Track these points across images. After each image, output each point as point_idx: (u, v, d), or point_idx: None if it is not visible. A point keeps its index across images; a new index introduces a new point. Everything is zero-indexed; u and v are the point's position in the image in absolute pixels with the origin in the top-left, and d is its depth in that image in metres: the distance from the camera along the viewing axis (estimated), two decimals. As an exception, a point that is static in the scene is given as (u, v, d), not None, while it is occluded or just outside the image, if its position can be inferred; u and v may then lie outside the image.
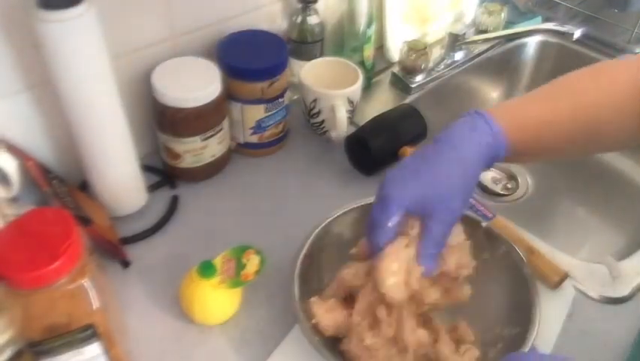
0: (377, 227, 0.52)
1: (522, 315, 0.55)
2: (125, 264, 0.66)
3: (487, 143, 0.52)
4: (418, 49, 0.93)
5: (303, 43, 0.85)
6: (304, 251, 0.60)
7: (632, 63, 0.54)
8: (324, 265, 0.62)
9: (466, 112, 0.54)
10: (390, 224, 0.52)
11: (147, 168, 0.76)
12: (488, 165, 0.53)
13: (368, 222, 0.54)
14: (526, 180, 1.02)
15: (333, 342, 0.56)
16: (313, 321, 0.55)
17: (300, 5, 0.83)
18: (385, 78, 0.98)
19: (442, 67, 0.99)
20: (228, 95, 0.75)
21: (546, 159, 0.54)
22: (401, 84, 0.96)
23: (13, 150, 0.63)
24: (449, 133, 0.53)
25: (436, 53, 1.01)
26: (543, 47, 1.10)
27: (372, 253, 0.54)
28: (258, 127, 0.78)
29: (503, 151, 0.53)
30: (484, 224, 0.62)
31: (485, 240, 0.61)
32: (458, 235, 0.55)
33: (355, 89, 0.80)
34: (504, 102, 0.55)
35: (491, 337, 0.57)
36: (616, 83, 0.53)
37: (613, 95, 0.53)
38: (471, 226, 0.60)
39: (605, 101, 0.53)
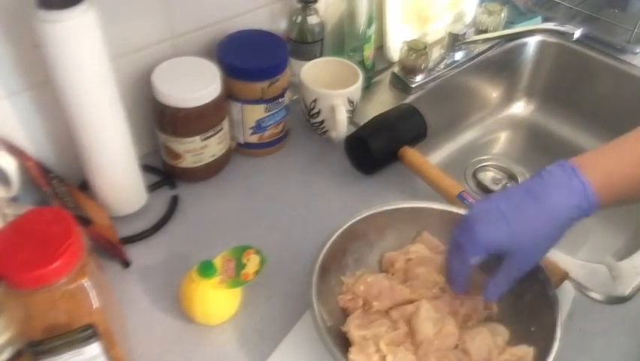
0: (461, 260, 0.55)
1: (541, 339, 0.55)
2: (125, 264, 0.66)
3: (580, 207, 0.52)
4: (418, 49, 0.93)
5: (303, 43, 0.85)
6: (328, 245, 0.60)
7: None
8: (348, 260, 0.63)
9: (561, 163, 0.53)
10: (472, 262, 0.54)
11: (147, 168, 0.76)
12: (571, 225, 0.54)
13: (452, 247, 0.56)
14: (526, 180, 1.02)
15: (339, 336, 0.56)
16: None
17: (300, 5, 0.83)
18: (385, 78, 0.98)
19: (442, 67, 0.99)
20: (228, 95, 0.75)
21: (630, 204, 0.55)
22: (401, 84, 0.95)
23: (13, 150, 0.63)
24: (544, 185, 0.53)
25: (436, 53, 1.01)
26: (543, 46, 1.10)
27: (451, 280, 0.58)
28: (258, 127, 0.78)
29: (591, 212, 0.53)
30: None
31: None
32: None
33: (355, 89, 0.80)
34: (597, 155, 0.54)
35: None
36: None
37: None
38: None
39: None
